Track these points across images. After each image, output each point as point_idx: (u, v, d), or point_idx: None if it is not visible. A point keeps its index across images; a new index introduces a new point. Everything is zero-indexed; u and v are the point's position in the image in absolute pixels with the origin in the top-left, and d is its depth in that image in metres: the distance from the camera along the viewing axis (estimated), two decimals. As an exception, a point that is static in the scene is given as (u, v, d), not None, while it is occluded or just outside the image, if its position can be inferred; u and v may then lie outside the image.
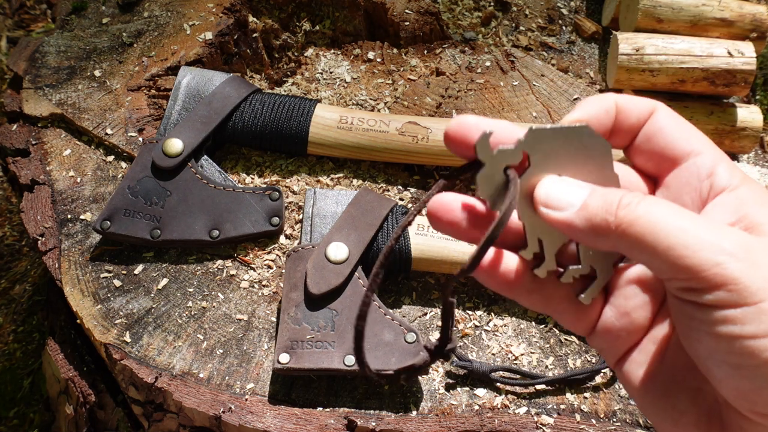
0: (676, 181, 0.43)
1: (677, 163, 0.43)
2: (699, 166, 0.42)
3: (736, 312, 0.35)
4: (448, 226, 0.44)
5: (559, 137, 0.43)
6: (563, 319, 0.45)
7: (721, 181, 0.41)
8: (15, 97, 1.14)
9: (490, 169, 0.43)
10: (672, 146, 0.43)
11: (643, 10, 1.17)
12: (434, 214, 0.44)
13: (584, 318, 0.45)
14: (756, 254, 0.36)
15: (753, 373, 0.35)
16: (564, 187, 0.42)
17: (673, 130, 0.43)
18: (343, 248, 0.90)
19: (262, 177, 1.06)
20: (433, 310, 0.94)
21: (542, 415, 0.84)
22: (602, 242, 0.40)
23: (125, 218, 0.96)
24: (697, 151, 0.43)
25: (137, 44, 1.19)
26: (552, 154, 0.43)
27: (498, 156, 0.43)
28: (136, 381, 0.87)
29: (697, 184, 0.42)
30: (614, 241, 0.39)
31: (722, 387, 0.37)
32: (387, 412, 0.84)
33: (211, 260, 0.97)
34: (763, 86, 1.90)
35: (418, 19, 1.24)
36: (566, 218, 0.41)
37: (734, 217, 0.40)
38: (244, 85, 1.06)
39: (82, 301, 0.93)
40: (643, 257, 0.38)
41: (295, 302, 0.87)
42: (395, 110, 1.13)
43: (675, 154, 0.43)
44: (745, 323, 0.35)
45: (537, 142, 0.43)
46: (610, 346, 0.44)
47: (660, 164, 0.44)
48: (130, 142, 1.07)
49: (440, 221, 0.44)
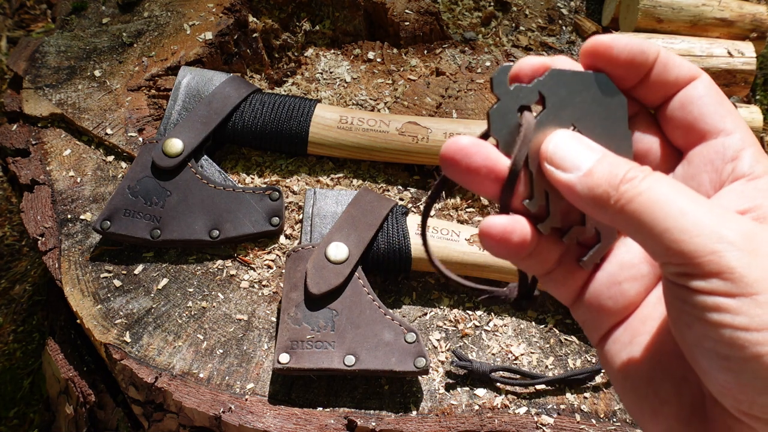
0: (699, 158, 0.41)
1: (705, 138, 0.41)
2: (726, 146, 0.40)
3: (730, 301, 0.33)
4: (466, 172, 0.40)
5: (577, 83, 0.41)
6: (552, 284, 0.43)
7: (743, 166, 0.39)
8: (15, 97, 1.14)
9: (504, 105, 0.40)
10: (704, 119, 0.41)
11: (643, 10, 1.17)
12: (451, 158, 0.40)
13: (573, 283, 0.42)
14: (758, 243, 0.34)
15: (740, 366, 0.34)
16: (574, 147, 0.39)
17: (710, 103, 0.41)
18: (343, 248, 0.90)
19: (262, 177, 1.06)
20: (433, 310, 0.94)
21: (542, 415, 0.84)
22: (601, 214, 0.38)
23: (125, 218, 0.96)
24: (729, 130, 0.40)
25: (137, 44, 1.19)
26: (568, 100, 0.41)
27: (513, 92, 0.40)
28: (136, 381, 0.87)
29: (720, 165, 0.40)
30: (612, 216, 0.37)
31: (708, 379, 0.36)
32: (387, 412, 0.84)
33: (211, 260, 0.97)
34: (763, 86, 1.90)
35: (418, 19, 1.24)
36: (569, 181, 0.38)
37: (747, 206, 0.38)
38: (244, 85, 1.06)
39: (82, 301, 0.93)
40: (639, 237, 0.36)
41: (295, 302, 0.87)
42: (395, 110, 1.13)
43: (706, 128, 0.41)
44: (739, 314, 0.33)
45: (555, 85, 0.40)
46: (594, 318, 0.42)
47: (688, 136, 0.42)
48: (130, 142, 1.07)
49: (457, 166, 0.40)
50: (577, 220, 0.42)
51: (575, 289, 0.43)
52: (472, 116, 1.12)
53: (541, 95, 0.40)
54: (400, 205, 0.95)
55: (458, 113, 1.12)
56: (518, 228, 0.40)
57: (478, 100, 1.14)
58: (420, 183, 1.07)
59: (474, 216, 1.03)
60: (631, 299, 0.42)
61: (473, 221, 1.02)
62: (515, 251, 0.40)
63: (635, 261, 0.42)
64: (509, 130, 0.40)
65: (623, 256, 0.42)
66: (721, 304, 0.34)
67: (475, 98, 1.14)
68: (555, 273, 0.42)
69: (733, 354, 0.34)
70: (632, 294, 0.42)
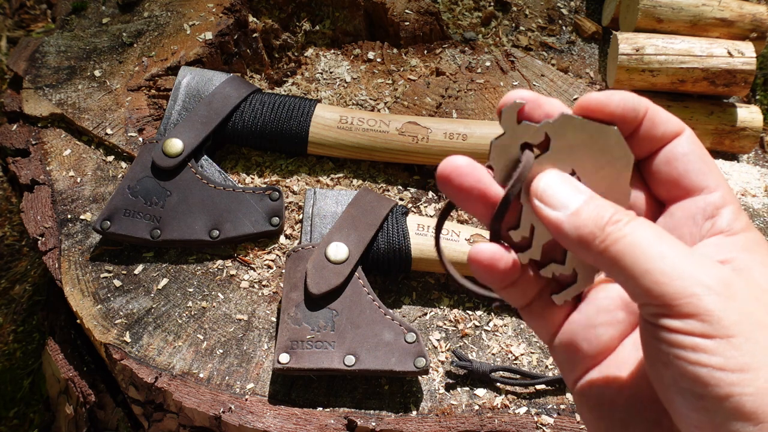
0: (680, 212, 0.43)
1: (689, 194, 0.43)
2: (707, 203, 0.42)
3: (707, 342, 0.35)
4: (458, 191, 0.42)
5: (586, 131, 0.42)
6: (530, 317, 0.44)
7: (722, 223, 0.41)
8: (15, 97, 1.14)
9: (507, 139, 0.42)
10: (689, 176, 0.42)
11: (643, 10, 1.17)
12: (446, 175, 0.42)
13: (550, 320, 0.44)
14: (734, 289, 0.36)
15: (714, 405, 0.35)
16: (563, 187, 0.41)
17: (694, 160, 0.43)
18: (343, 248, 0.90)
19: (262, 177, 1.06)
20: (433, 310, 0.94)
21: (542, 415, 0.84)
22: (585, 253, 0.39)
23: (125, 218, 0.96)
24: (712, 188, 0.42)
25: (137, 44, 1.19)
26: (574, 145, 0.42)
27: (520, 129, 0.42)
28: (136, 381, 0.87)
29: (700, 220, 0.42)
30: (595, 256, 0.38)
31: (682, 419, 0.37)
32: (387, 412, 0.84)
33: (211, 260, 0.97)
34: (763, 86, 1.90)
35: (418, 19, 1.24)
36: (557, 219, 0.40)
37: (724, 257, 0.40)
38: (244, 85, 1.06)
39: (82, 301, 0.93)
40: (620, 278, 0.38)
41: (295, 302, 0.87)
42: (395, 110, 1.13)
43: (690, 185, 0.42)
44: (715, 354, 0.35)
45: (563, 129, 0.41)
46: (569, 359, 0.43)
47: (672, 191, 0.43)
48: (130, 142, 1.07)
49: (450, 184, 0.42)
50: (559, 258, 0.43)
51: (553, 327, 0.44)
52: (472, 116, 1.12)
53: (547, 136, 0.42)
54: (400, 205, 0.95)
55: (458, 113, 1.12)
56: (505, 258, 0.42)
57: (478, 100, 1.14)
58: (420, 183, 1.07)
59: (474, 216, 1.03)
60: (606, 344, 0.43)
61: (473, 221, 1.02)
62: (500, 278, 0.42)
63: (612, 307, 0.44)
64: (507, 163, 0.42)
65: (601, 301, 0.44)
66: (698, 345, 0.35)
67: (475, 98, 1.14)
68: (534, 306, 0.44)
69: (708, 393, 0.35)
70: (607, 338, 0.43)
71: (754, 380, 0.34)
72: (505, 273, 0.42)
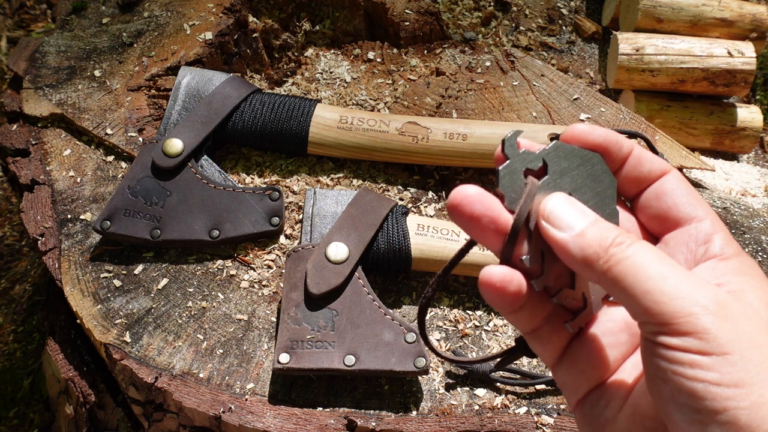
0: (674, 241, 0.46)
1: (680, 225, 0.46)
2: (699, 230, 0.45)
3: (704, 359, 0.37)
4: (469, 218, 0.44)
5: (576, 158, 0.45)
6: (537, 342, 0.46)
7: (715, 248, 0.44)
8: (15, 97, 1.14)
9: (512, 165, 0.44)
10: (678, 209, 0.46)
11: (643, 10, 1.17)
12: (457, 204, 0.44)
13: (556, 344, 0.46)
14: (728, 310, 0.38)
15: (710, 419, 0.37)
16: (569, 209, 0.43)
17: (682, 194, 0.46)
18: (343, 248, 0.90)
19: (262, 177, 1.06)
20: (433, 310, 0.94)
21: (542, 415, 0.84)
22: (589, 273, 0.41)
23: (125, 218, 0.96)
24: (701, 217, 0.45)
25: (137, 44, 1.19)
26: (567, 171, 0.45)
27: (521, 156, 0.44)
28: (136, 381, 0.87)
29: (694, 247, 0.45)
30: (599, 275, 0.40)
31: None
32: (387, 412, 0.84)
33: (211, 260, 0.97)
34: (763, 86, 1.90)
35: (418, 19, 1.24)
36: (563, 239, 0.42)
37: (719, 281, 0.42)
38: (244, 85, 1.06)
39: (82, 301, 0.93)
40: (622, 297, 0.39)
41: (295, 302, 0.87)
42: (395, 110, 1.13)
43: (679, 216, 0.46)
44: (711, 370, 0.37)
45: (557, 156, 0.45)
46: (573, 380, 0.45)
47: (663, 224, 0.46)
48: (130, 142, 1.07)
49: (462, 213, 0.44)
50: (568, 283, 0.45)
51: (558, 350, 0.46)
52: (472, 116, 1.12)
53: (545, 163, 0.45)
54: (400, 205, 0.95)
55: (458, 113, 1.12)
56: (515, 280, 0.43)
57: (478, 100, 1.14)
58: (420, 183, 1.07)
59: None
60: (610, 365, 0.45)
61: (473, 221, 1.02)
62: (510, 302, 0.43)
63: (615, 329, 0.46)
64: (514, 189, 0.44)
65: (605, 324, 0.46)
66: (696, 361, 0.37)
67: (475, 98, 1.14)
68: (541, 330, 0.45)
69: (704, 407, 0.37)
70: (611, 360, 0.45)
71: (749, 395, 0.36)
72: (515, 296, 0.43)
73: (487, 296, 0.43)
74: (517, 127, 1.03)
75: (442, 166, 1.08)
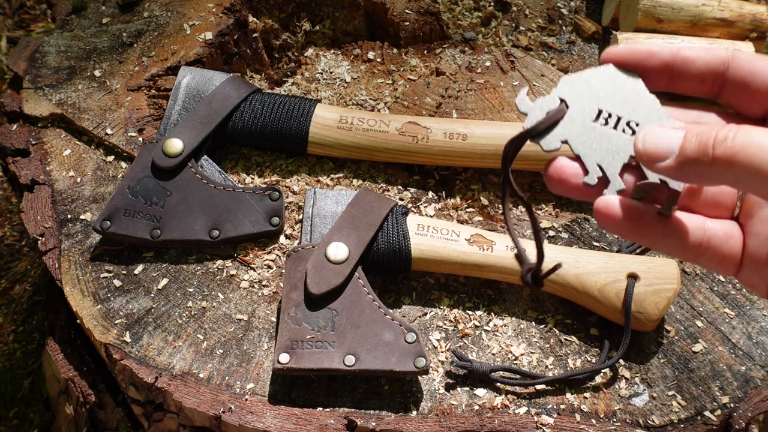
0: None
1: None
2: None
3: None
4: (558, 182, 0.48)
5: (591, 80, 0.48)
6: (709, 262, 0.46)
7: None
8: (15, 97, 1.14)
9: (533, 116, 0.48)
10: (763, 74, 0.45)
11: (643, 10, 1.17)
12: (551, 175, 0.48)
13: (728, 256, 0.45)
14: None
15: None
16: (658, 135, 0.43)
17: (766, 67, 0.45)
18: (343, 248, 0.90)
19: (262, 177, 1.06)
20: (433, 310, 0.94)
21: (542, 415, 0.84)
22: (706, 180, 0.41)
23: (125, 218, 0.96)
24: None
25: (137, 44, 1.19)
26: (587, 94, 0.48)
27: (537, 105, 0.48)
28: (136, 381, 0.87)
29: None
30: (718, 177, 0.40)
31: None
32: (387, 412, 0.84)
33: (211, 260, 0.97)
34: (763, 86, 1.90)
35: (418, 19, 1.24)
36: (667, 167, 0.42)
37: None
38: (244, 85, 1.06)
39: (82, 301, 0.93)
40: (756, 184, 0.39)
41: (295, 302, 0.87)
42: (395, 110, 1.13)
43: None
44: None
45: (571, 89, 0.48)
46: (761, 276, 0.45)
47: (764, 101, 0.45)
48: (130, 142, 1.07)
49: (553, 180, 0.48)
50: (640, 177, 0.48)
51: (734, 260, 0.46)
52: (472, 116, 1.12)
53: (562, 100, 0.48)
54: (400, 205, 0.95)
55: (458, 113, 1.12)
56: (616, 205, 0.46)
57: (478, 100, 1.14)
58: (420, 183, 1.07)
59: (474, 216, 1.03)
60: None
61: (473, 221, 1.02)
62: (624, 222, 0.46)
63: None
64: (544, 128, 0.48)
65: (761, 212, 0.46)
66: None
67: (475, 98, 1.14)
68: (711, 254, 0.46)
69: None
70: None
71: None
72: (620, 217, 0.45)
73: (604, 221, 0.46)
74: (517, 127, 1.03)
75: (442, 166, 1.08)
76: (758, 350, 0.90)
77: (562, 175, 0.47)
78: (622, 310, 0.88)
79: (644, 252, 0.98)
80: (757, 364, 0.88)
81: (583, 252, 0.93)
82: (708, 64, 0.46)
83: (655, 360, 0.89)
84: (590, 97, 0.48)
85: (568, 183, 0.47)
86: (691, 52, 0.47)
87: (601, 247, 0.99)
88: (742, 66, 0.45)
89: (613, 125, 0.48)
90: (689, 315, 0.93)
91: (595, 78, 0.48)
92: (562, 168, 0.48)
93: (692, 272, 0.96)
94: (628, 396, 0.87)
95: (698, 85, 0.48)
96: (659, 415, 0.85)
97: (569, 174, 0.47)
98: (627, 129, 0.47)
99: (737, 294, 0.94)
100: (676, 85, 0.48)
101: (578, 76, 0.48)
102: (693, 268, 0.97)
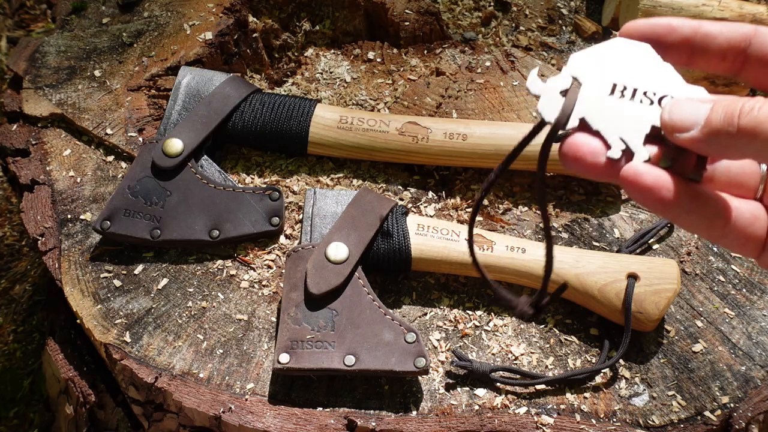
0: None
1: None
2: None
3: None
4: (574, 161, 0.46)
5: (600, 55, 0.48)
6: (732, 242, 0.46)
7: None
8: (15, 97, 1.14)
9: (546, 96, 0.47)
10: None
11: (643, 10, 1.18)
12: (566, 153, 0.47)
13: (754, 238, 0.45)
14: None
15: None
16: (686, 106, 0.43)
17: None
18: (343, 248, 0.90)
19: (262, 177, 1.06)
20: (433, 310, 0.94)
21: (542, 415, 0.84)
22: (730, 153, 0.41)
23: (125, 218, 0.96)
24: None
25: (137, 44, 1.19)
26: (599, 69, 0.47)
27: (550, 85, 0.47)
28: (136, 381, 0.87)
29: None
30: (742, 149, 0.40)
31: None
32: (387, 412, 0.84)
33: (211, 260, 0.97)
34: (763, 86, 1.90)
35: (418, 19, 1.24)
36: (692, 138, 0.42)
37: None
38: (244, 85, 1.06)
39: (82, 301, 0.93)
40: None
41: (295, 302, 0.87)
42: (395, 110, 1.13)
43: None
44: None
45: (581, 66, 0.47)
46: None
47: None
48: (130, 142, 1.07)
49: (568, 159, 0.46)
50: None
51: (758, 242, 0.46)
52: (472, 116, 1.12)
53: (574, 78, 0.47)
54: (400, 205, 0.95)
55: (458, 113, 1.12)
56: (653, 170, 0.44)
57: (478, 100, 1.14)
58: (420, 183, 1.07)
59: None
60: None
61: (473, 221, 1.02)
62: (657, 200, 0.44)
63: None
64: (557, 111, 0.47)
65: None
66: None
67: (475, 98, 1.14)
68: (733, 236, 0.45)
69: None
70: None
71: None
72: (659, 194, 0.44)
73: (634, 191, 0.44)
74: (517, 127, 1.03)
75: (442, 166, 1.08)
76: (758, 350, 0.90)
77: (578, 153, 0.46)
78: (622, 310, 0.88)
79: (644, 252, 0.98)
80: (757, 364, 0.88)
81: (583, 252, 0.93)
82: (730, 41, 0.46)
83: (655, 360, 0.89)
84: (603, 71, 0.47)
85: (584, 161, 0.46)
86: (713, 26, 0.46)
87: (601, 247, 0.99)
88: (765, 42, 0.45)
89: (629, 96, 0.47)
90: (689, 315, 0.93)
91: (604, 52, 0.48)
92: (577, 146, 0.46)
93: (692, 272, 0.97)
94: (628, 396, 0.87)
95: (719, 62, 0.47)
96: (659, 415, 0.85)
97: (585, 152, 0.46)
98: (645, 99, 0.47)
99: (737, 294, 0.94)
100: (697, 62, 0.47)
101: (587, 52, 0.47)
102: (693, 268, 0.97)
